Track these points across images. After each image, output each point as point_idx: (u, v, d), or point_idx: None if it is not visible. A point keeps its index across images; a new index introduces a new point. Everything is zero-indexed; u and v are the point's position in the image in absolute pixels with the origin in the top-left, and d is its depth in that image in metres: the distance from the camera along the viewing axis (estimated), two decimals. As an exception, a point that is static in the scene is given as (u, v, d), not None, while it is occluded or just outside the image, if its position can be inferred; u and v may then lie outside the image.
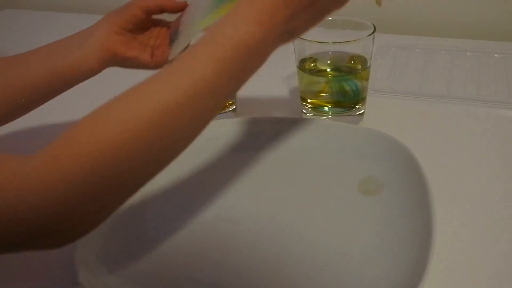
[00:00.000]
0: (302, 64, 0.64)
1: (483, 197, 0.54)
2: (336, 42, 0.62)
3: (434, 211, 0.46)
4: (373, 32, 0.61)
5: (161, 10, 0.55)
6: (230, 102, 0.70)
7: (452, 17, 0.95)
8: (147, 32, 0.56)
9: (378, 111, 0.70)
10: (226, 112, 0.70)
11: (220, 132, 0.63)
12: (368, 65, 0.63)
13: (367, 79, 0.65)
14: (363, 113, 0.67)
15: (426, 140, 0.64)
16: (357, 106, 0.66)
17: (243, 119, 0.68)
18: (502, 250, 0.48)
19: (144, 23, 0.55)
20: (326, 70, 0.65)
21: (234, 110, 0.71)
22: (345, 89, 0.64)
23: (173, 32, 0.56)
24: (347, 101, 0.65)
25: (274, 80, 0.81)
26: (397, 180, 0.54)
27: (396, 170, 0.55)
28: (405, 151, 0.55)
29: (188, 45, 0.54)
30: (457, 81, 0.76)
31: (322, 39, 0.62)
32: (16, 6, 1.30)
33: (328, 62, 0.65)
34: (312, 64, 0.65)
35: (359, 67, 0.64)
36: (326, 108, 0.66)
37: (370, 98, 0.69)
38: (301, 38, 0.61)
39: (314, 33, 0.63)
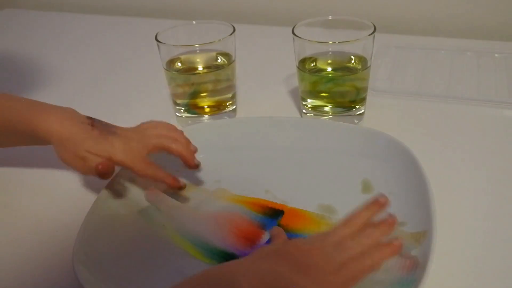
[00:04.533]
0: (302, 64, 0.64)
1: (483, 197, 0.54)
2: (336, 42, 0.62)
3: (434, 211, 0.46)
4: (373, 32, 0.61)
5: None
6: (230, 102, 0.70)
7: (452, 17, 0.95)
8: None
9: (378, 111, 0.70)
10: (226, 112, 0.70)
11: (220, 132, 0.63)
12: (368, 65, 0.63)
13: (367, 79, 0.65)
14: (363, 113, 0.67)
15: (426, 140, 0.64)
16: (357, 106, 0.66)
17: (243, 119, 0.68)
18: (502, 250, 0.48)
19: None
20: (326, 70, 0.65)
21: (234, 110, 0.71)
22: (345, 89, 0.64)
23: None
24: (347, 101, 0.65)
25: (274, 80, 0.81)
26: (397, 180, 0.54)
27: (396, 170, 0.55)
28: (405, 151, 0.55)
29: None
30: (457, 81, 0.76)
31: (322, 39, 0.62)
32: (16, 6, 1.30)
33: (328, 62, 0.65)
34: (312, 64, 0.65)
35: (359, 67, 0.64)
36: (326, 108, 0.66)
37: (370, 98, 0.69)
38: (301, 38, 0.61)
39: (314, 33, 0.64)
